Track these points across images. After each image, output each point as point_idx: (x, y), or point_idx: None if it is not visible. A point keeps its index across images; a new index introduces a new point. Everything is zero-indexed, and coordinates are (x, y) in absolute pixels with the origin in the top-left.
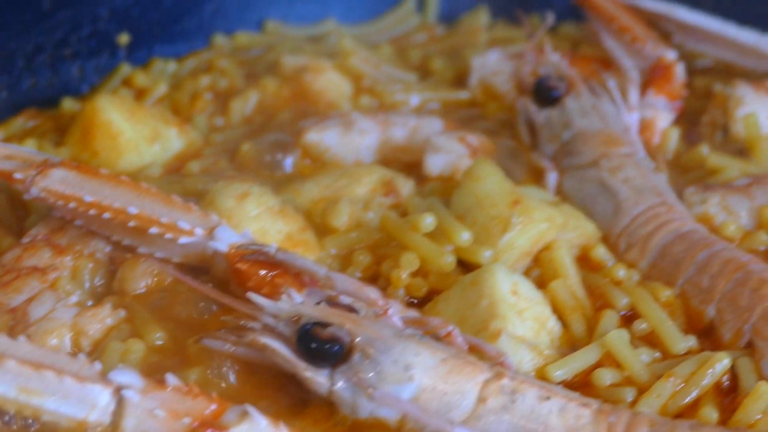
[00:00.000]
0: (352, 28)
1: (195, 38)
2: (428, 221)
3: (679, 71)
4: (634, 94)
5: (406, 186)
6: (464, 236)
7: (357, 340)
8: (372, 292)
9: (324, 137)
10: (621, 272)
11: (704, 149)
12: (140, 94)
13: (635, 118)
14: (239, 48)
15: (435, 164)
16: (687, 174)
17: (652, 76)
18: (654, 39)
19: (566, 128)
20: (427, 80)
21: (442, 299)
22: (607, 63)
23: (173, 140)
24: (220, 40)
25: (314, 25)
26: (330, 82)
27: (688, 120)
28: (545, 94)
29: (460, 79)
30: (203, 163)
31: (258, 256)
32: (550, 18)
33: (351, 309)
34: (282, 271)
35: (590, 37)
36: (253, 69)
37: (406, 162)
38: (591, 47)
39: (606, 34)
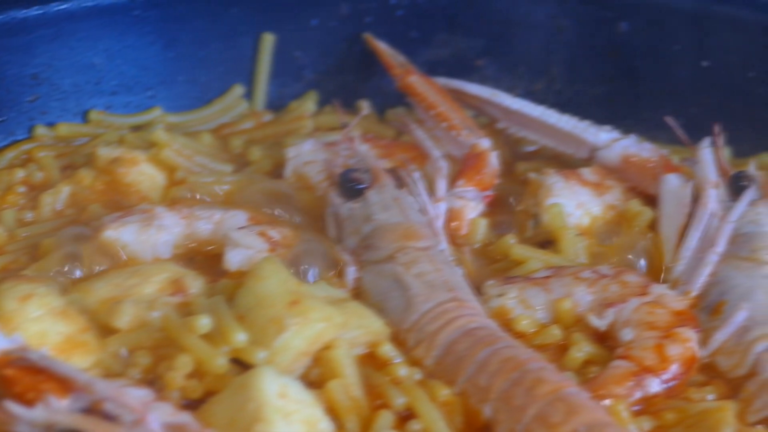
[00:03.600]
0: (178, 116)
1: (16, 129)
2: (204, 322)
3: (492, 160)
4: (441, 184)
5: (196, 284)
6: (240, 337)
7: None
8: (131, 398)
9: (121, 234)
10: (402, 371)
11: (510, 239)
12: None
13: (442, 209)
14: (61, 139)
15: (233, 259)
16: (494, 265)
17: (464, 165)
18: (470, 127)
19: (367, 222)
20: (243, 170)
21: (216, 401)
22: None
23: None
24: (41, 131)
25: (138, 114)
26: (142, 174)
27: (506, 208)
28: (349, 186)
29: (278, 169)
30: (3, 261)
31: (22, 361)
32: (366, 107)
33: (111, 416)
34: (48, 376)
35: (400, 126)
36: (71, 161)
37: (213, 255)
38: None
39: (414, 123)
